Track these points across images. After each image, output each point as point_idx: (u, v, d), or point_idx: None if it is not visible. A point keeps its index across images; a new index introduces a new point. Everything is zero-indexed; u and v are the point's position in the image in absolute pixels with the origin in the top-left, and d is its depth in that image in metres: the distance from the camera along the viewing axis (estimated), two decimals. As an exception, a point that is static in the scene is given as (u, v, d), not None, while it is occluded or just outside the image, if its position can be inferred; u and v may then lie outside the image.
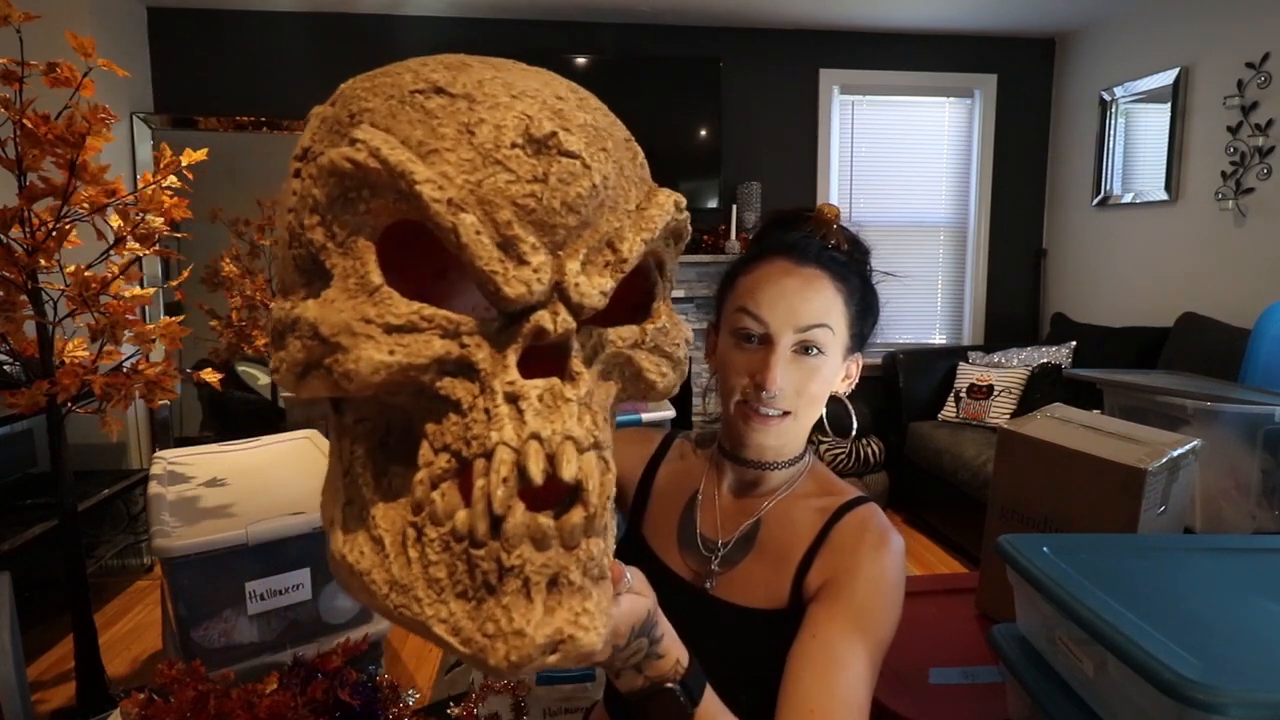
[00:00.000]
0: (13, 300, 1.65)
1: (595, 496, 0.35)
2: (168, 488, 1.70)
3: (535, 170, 0.35)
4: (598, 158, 0.37)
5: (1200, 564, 0.81)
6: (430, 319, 0.36)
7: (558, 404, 0.35)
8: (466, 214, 0.34)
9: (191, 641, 1.45)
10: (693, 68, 3.31)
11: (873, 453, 3.41)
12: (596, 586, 0.36)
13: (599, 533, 0.36)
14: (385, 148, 0.35)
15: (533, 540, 0.34)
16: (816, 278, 0.74)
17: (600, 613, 0.36)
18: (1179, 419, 1.49)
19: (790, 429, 0.75)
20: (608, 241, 0.37)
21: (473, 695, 1.15)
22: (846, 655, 0.65)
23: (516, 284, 0.35)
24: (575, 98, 0.41)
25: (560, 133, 0.36)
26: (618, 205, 0.38)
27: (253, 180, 3.23)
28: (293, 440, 2.11)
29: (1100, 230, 3.48)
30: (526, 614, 0.34)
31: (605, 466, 0.36)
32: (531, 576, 0.34)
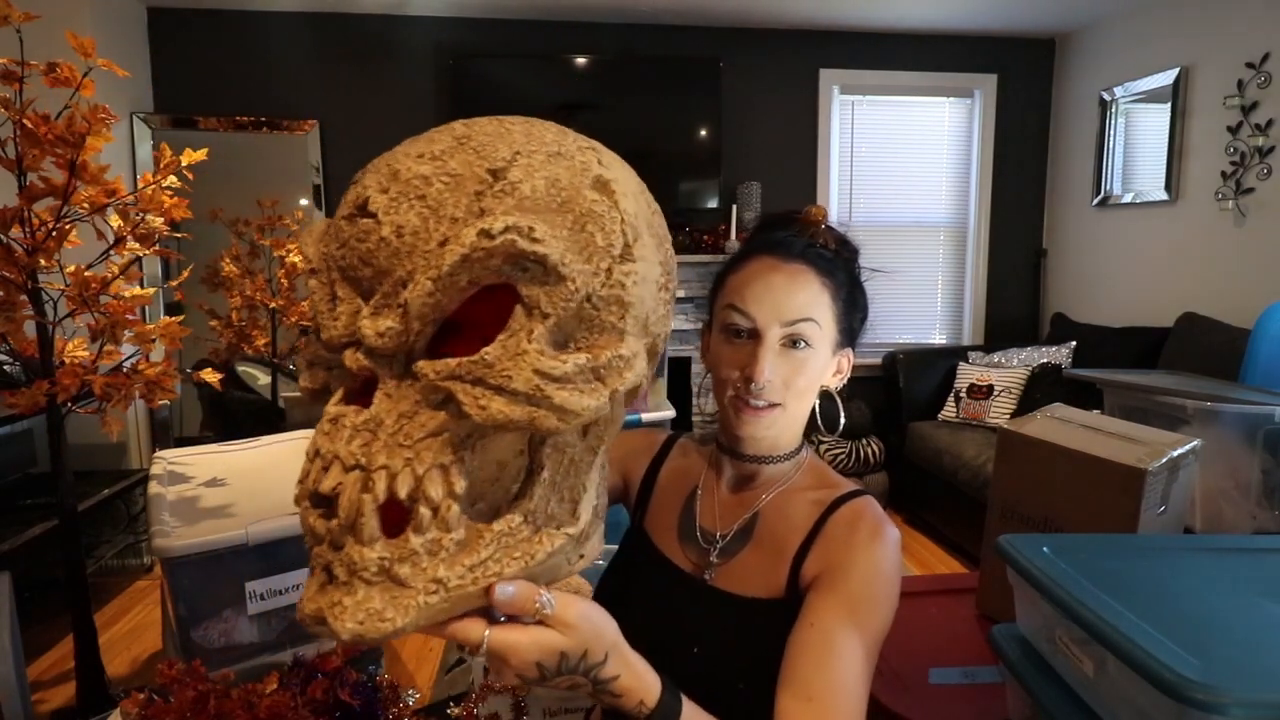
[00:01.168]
0: (13, 300, 1.65)
1: (344, 506, 0.40)
2: (168, 488, 1.70)
3: (346, 234, 0.43)
4: (398, 211, 0.41)
5: (1200, 564, 0.81)
6: (322, 359, 0.46)
7: (336, 428, 0.42)
8: (314, 278, 0.44)
9: (191, 641, 1.45)
10: (693, 68, 3.31)
11: (873, 453, 3.41)
12: (368, 587, 0.41)
13: (369, 540, 0.41)
14: (305, 235, 0.47)
15: (312, 534, 0.43)
16: (802, 273, 0.76)
17: (358, 608, 0.41)
18: (1179, 419, 1.49)
19: (780, 421, 0.77)
20: (402, 283, 0.41)
21: (473, 695, 1.15)
22: (843, 643, 0.66)
23: (327, 329, 0.43)
24: (447, 147, 0.43)
25: (372, 196, 0.42)
26: (415, 249, 0.41)
27: (253, 180, 3.23)
28: (293, 440, 2.11)
29: (1100, 230, 3.48)
30: (310, 588, 0.43)
31: (365, 483, 0.40)
32: (313, 562, 0.43)
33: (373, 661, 1.66)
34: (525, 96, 3.24)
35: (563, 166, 0.44)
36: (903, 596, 1.31)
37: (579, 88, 3.26)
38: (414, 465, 0.41)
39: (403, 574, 0.41)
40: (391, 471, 0.41)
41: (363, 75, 3.25)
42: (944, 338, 3.91)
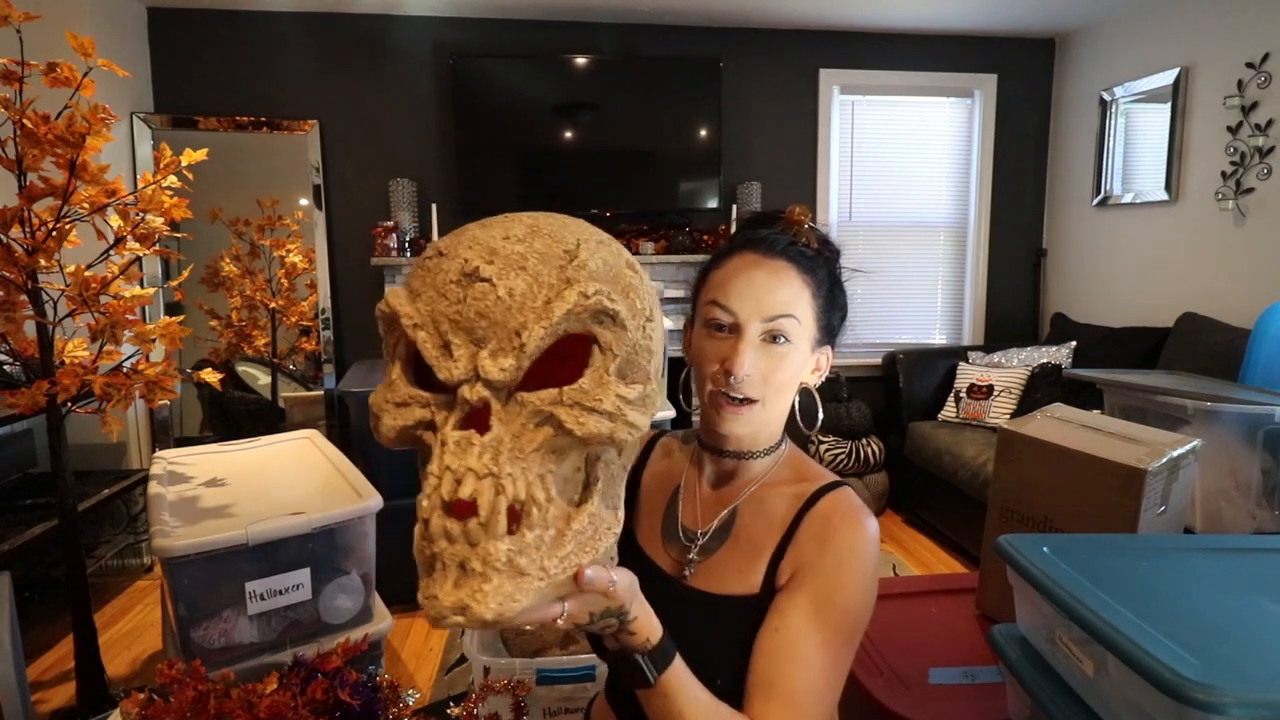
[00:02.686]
0: (13, 300, 1.65)
1: (484, 509, 0.50)
2: (168, 488, 1.70)
3: (460, 295, 0.53)
4: (508, 277, 0.53)
5: (1200, 564, 0.81)
6: (414, 398, 0.55)
7: (466, 447, 0.51)
8: (421, 330, 0.54)
9: (191, 641, 1.45)
10: (693, 68, 3.31)
11: (873, 453, 3.41)
12: (500, 575, 0.50)
13: (500, 536, 0.50)
14: (391, 298, 0.56)
15: (445, 536, 0.50)
16: (783, 270, 0.77)
17: (497, 593, 0.50)
18: (1179, 419, 1.49)
19: (759, 416, 0.77)
20: (515, 331, 0.52)
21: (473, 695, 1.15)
22: (807, 646, 0.69)
23: (447, 370, 0.52)
24: (524, 233, 0.56)
25: (481, 266, 0.53)
26: (525, 305, 0.52)
27: (253, 180, 3.23)
28: (293, 440, 2.11)
29: (1100, 230, 3.48)
30: (441, 586, 0.50)
31: (498, 489, 0.50)
32: (446, 561, 0.51)
33: (372, 661, 1.66)
34: (525, 96, 3.24)
35: (608, 251, 0.58)
36: (902, 596, 1.31)
37: (579, 88, 3.26)
38: (527, 474, 0.52)
39: (522, 564, 0.51)
40: (514, 478, 0.51)
41: (363, 75, 3.25)
42: (944, 338, 3.91)
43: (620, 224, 3.40)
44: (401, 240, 3.16)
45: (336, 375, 3.31)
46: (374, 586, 1.69)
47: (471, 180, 3.22)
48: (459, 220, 3.28)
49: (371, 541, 1.66)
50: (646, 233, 3.38)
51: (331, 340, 3.33)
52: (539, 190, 3.31)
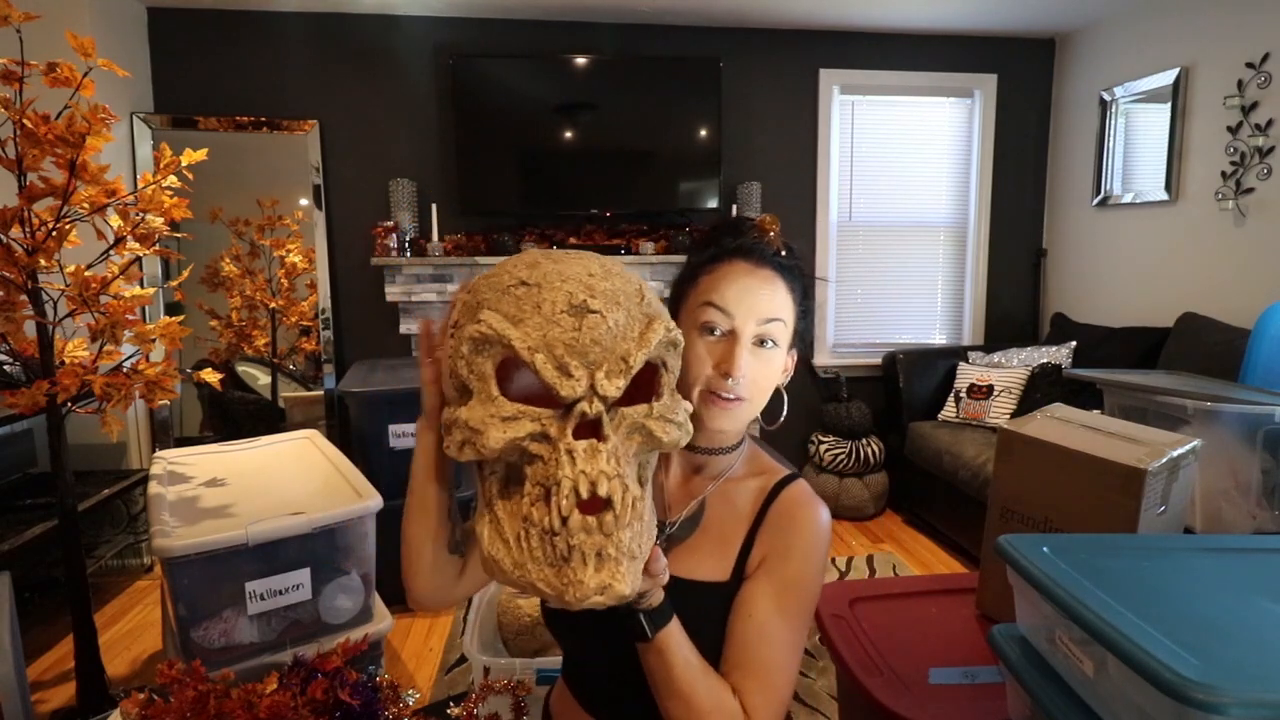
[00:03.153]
0: (13, 300, 1.65)
1: (619, 505, 0.60)
2: (168, 488, 1.70)
3: (574, 324, 0.62)
4: (612, 310, 0.63)
5: (1200, 564, 0.81)
6: (524, 412, 0.62)
7: (595, 453, 0.60)
8: (539, 354, 0.61)
9: (191, 641, 1.45)
10: (693, 68, 3.31)
11: (873, 453, 3.41)
12: (627, 558, 0.61)
13: (627, 527, 0.60)
14: (494, 321, 0.61)
15: (584, 530, 0.59)
16: (773, 278, 0.83)
17: (628, 573, 0.61)
18: (1179, 419, 1.49)
19: (744, 414, 0.83)
20: (621, 357, 0.62)
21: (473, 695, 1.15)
22: (775, 627, 0.78)
23: (567, 389, 0.60)
24: (602, 271, 0.66)
25: (589, 299, 0.62)
26: (626, 334, 0.63)
27: (253, 180, 3.23)
28: (293, 440, 2.11)
29: (1100, 230, 3.48)
30: (583, 572, 0.59)
31: (625, 488, 0.60)
32: (586, 551, 0.59)
33: (372, 661, 1.66)
34: (525, 96, 3.24)
35: (651, 289, 0.71)
36: (902, 596, 1.31)
37: (579, 88, 3.26)
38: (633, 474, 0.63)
39: (635, 549, 0.62)
40: (631, 479, 0.62)
41: (363, 75, 3.25)
42: (944, 338, 3.91)
43: (620, 224, 3.40)
44: (401, 240, 3.16)
45: (336, 375, 3.31)
46: (374, 586, 1.69)
47: (471, 180, 3.22)
48: (459, 220, 3.30)
49: (371, 541, 1.66)
50: (646, 233, 3.38)
51: (331, 340, 3.33)
52: (539, 190, 3.31)
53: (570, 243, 3.33)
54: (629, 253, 3.29)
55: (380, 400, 2.53)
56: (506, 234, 3.22)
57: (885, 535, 3.27)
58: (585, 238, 3.36)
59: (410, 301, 3.24)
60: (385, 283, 3.20)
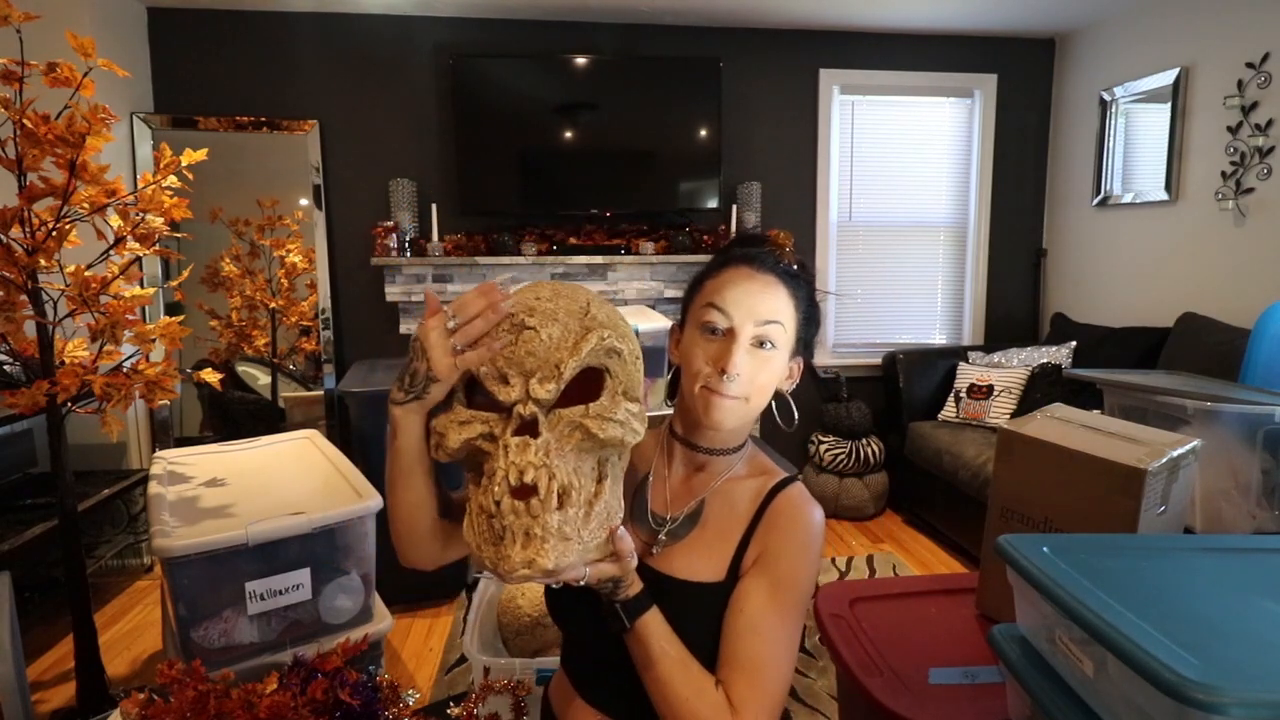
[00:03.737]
0: (13, 300, 1.65)
1: (543, 490, 0.68)
2: (168, 488, 1.70)
3: (512, 340, 0.72)
4: (547, 326, 0.72)
5: (1200, 564, 0.81)
6: (475, 417, 0.72)
7: (525, 447, 0.69)
8: (484, 366, 0.72)
9: (191, 641, 1.45)
10: (693, 68, 3.31)
11: (873, 453, 3.41)
12: (556, 538, 0.68)
13: (553, 511, 0.68)
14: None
15: (513, 513, 0.68)
16: (773, 283, 0.87)
17: (555, 551, 0.68)
18: (1179, 419, 1.49)
19: (742, 412, 0.85)
20: (555, 365, 0.71)
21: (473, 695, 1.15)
22: (770, 625, 0.81)
23: (504, 394, 0.71)
24: (550, 294, 0.76)
25: (525, 317, 0.72)
26: (560, 345, 0.72)
27: (253, 180, 3.23)
28: (293, 440, 2.11)
29: (1100, 230, 3.48)
30: (511, 549, 0.68)
31: (550, 476, 0.68)
32: (515, 531, 0.68)
33: (372, 661, 1.66)
34: (525, 96, 3.24)
35: (609, 308, 0.79)
36: (902, 596, 1.31)
37: (579, 88, 3.26)
38: (566, 466, 0.71)
39: (567, 531, 0.69)
40: (560, 469, 0.70)
41: (363, 75, 3.25)
42: (944, 338, 3.91)
43: (620, 224, 3.40)
44: (401, 240, 3.16)
45: (336, 375, 3.31)
46: (374, 586, 1.69)
47: (471, 180, 3.22)
48: (459, 220, 3.30)
49: (371, 541, 1.66)
50: (646, 233, 3.38)
51: (331, 340, 3.33)
52: (539, 190, 3.31)
53: (570, 243, 3.33)
54: (629, 253, 3.29)
55: (380, 400, 2.53)
56: (506, 234, 3.22)
57: (885, 535, 3.27)
58: (585, 238, 3.36)
59: (410, 301, 3.23)
60: (385, 283, 3.20)
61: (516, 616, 1.82)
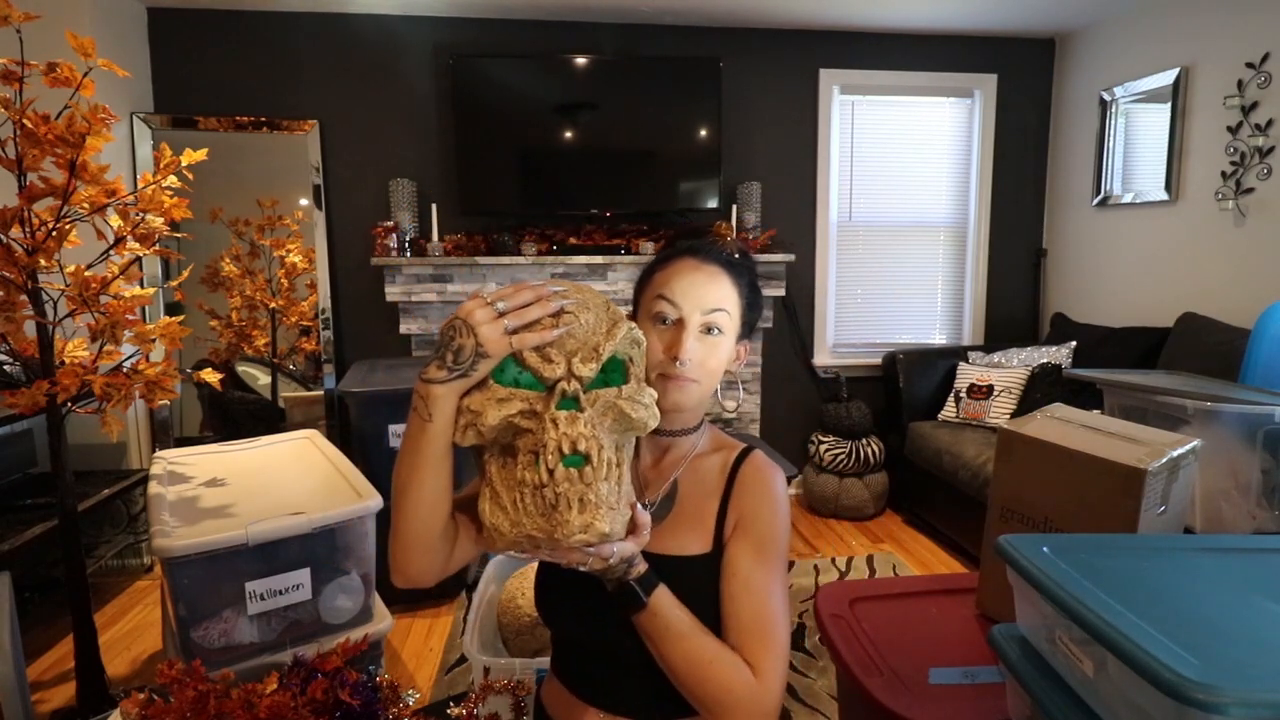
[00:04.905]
0: (13, 300, 1.65)
1: (596, 459, 0.72)
2: (168, 488, 1.70)
3: (553, 323, 0.75)
4: (583, 312, 0.77)
5: (1200, 564, 0.81)
6: (514, 394, 0.74)
7: (574, 420, 0.72)
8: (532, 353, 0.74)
9: (191, 641, 1.45)
10: (693, 68, 3.31)
11: (873, 453, 3.41)
12: (606, 505, 0.72)
13: (603, 480, 0.72)
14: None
15: (568, 480, 0.71)
16: (718, 273, 0.92)
17: (607, 517, 0.71)
18: (1179, 419, 1.49)
19: (696, 394, 0.91)
20: (593, 348, 0.76)
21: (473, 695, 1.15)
22: (761, 581, 0.86)
23: (549, 371, 0.74)
24: (573, 289, 0.79)
25: (565, 306, 0.76)
26: (596, 330, 0.77)
27: (253, 180, 3.23)
28: (293, 440, 2.11)
29: (1100, 230, 3.48)
30: (569, 514, 0.71)
31: (600, 446, 0.73)
32: (570, 497, 0.71)
33: (372, 661, 1.66)
34: (525, 96, 3.24)
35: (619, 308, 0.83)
36: (902, 596, 1.32)
37: (579, 88, 3.26)
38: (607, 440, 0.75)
39: (612, 500, 0.73)
40: (605, 442, 0.74)
41: (363, 75, 3.25)
42: (944, 338, 3.91)
43: (620, 224, 3.40)
44: (401, 240, 3.16)
45: (336, 375, 3.31)
46: (374, 586, 1.69)
47: (471, 180, 3.22)
48: (459, 220, 3.30)
49: (371, 541, 1.66)
50: (646, 233, 3.38)
51: (331, 340, 3.33)
52: (539, 190, 3.31)
53: (570, 243, 3.33)
54: (629, 253, 3.29)
55: (380, 400, 2.53)
56: (506, 234, 3.22)
57: (885, 535, 3.27)
58: (585, 238, 3.36)
59: (410, 301, 3.23)
60: (385, 283, 3.20)
61: (516, 616, 1.82)
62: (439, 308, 3.28)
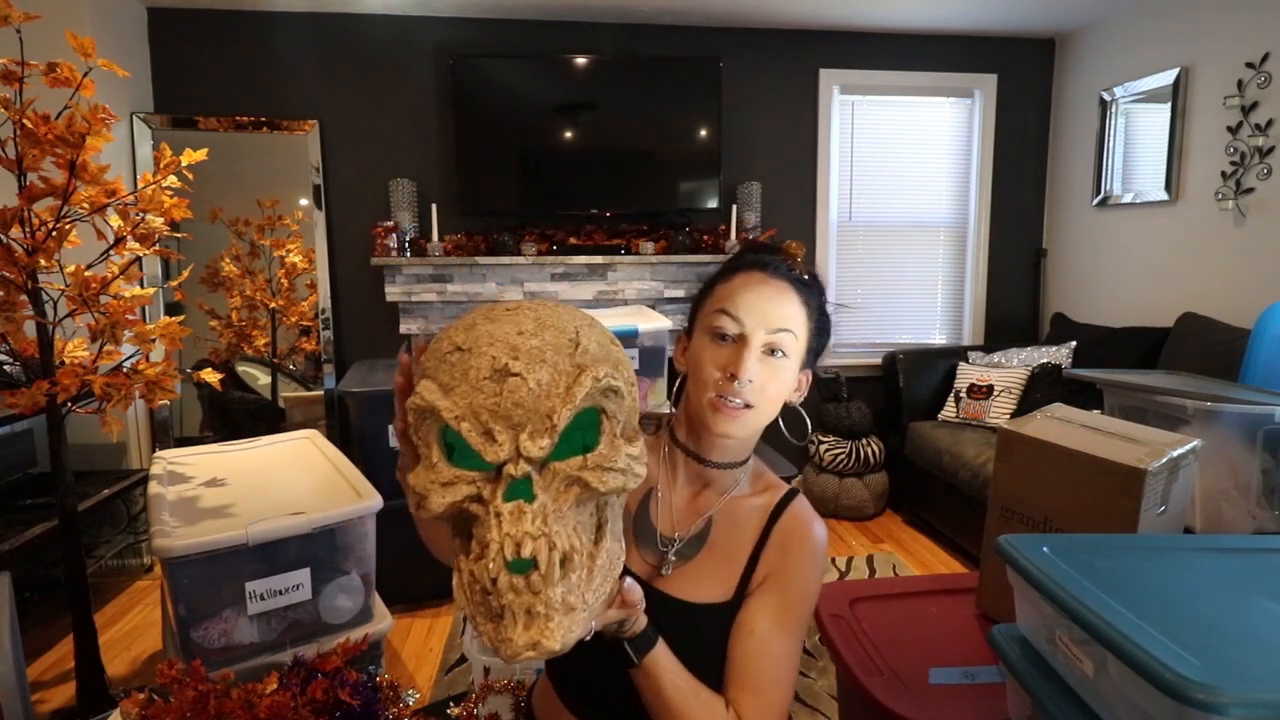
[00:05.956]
0: (13, 300, 1.65)
1: (544, 564, 0.60)
2: (168, 488, 1.70)
3: (496, 389, 0.61)
4: (534, 370, 0.62)
5: (1200, 564, 0.81)
6: (460, 477, 0.63)
7: (520, 515, 0.61)
8: (465, 422, 0.61)
9: (191, 641, 1.45)
10: (693, 68, 3.31)
11: (873, 453, 3.41)
12: (561, 612, 0.61)
13: (556, 583, 0.61)
14: (426, 393, 0.62)
15: (512, 590, 0.60)
16: (786, 290, 0.85)
17: (561, 627, 0.61)
18: (1179, 419, 1.48)
19: (751, 423, 0.83)
20: (546, 415, 0.62)
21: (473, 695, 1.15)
22: (776, 645, 0.80)
23: (491, 454, 0.61)
24: (534, 326, 0.65)
25: (509, 363, 0.62)
26: (551, 392, 0.62)
27: (253, 180, 3.23)
28: (293, 440, 2.11)
29: (1100, 230, 3.48)
30: (513, 630, 0.61)
31: (551, 547, 0.61)
32: (515, 610, 0.61)
33: (372, 661, 1.66)
34: (525, 96, 3.24)
35: (599, 332, 0.69)
36: (902, 596, 1.31)
37: (579, 88, 3.26)
38: (566, 528, 0.63)
39: (572, 601, 0.62)
40: (560, 535, 0.62)
41: (363, 75, 3.25)
42: (944, 338, 3.91)
43: (620, 224, 3.40)
44: (401, 240, 3.16)
45: (336, 375, 3.31)
46: (374, 586, 1.69)
47: (471, 180, 3.22)
48: (459, 220, 3.30)
49: (371, 541, 1.66)
50: (646, 233, 3.38)
51: (331, 340, 3.33)
52: (539, 190, 3.31)
53: (570, 243, 3.33)
54: (629, 253, 3.29)
55: (380, 400, 2.53)
56: (506, 234, 3.22)
57: (885, 535, 3.27)
58: (585, 238, 3.36)
59: (410, 301, 3.23)
60: (385, 283, 3.20)
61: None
62: (439, 308, 3.28)
